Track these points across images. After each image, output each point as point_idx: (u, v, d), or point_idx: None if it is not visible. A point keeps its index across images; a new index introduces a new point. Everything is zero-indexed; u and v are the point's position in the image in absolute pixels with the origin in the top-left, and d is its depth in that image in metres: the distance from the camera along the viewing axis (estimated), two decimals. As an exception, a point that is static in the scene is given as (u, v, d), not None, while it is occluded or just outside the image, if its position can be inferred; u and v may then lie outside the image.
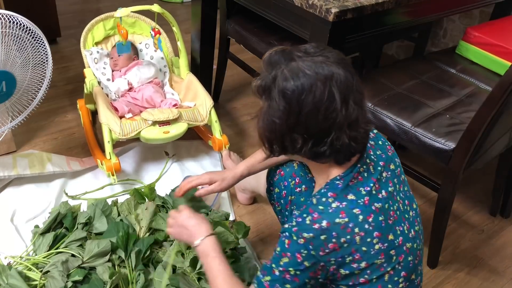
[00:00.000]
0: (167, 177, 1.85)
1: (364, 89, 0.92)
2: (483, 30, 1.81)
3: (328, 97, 0.86)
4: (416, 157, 1.94)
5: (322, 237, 0.90)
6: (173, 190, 1.67)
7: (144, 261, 1.41)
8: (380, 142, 1.07)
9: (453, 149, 1.38)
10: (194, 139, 2.06)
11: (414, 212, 1.05)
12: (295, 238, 0.92)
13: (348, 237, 0.90)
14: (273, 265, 0.96)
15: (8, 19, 1.39)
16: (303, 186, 1.28)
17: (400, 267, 0.97)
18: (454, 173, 1.40)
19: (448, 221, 1.55)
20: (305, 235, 0.90)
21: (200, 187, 1.36)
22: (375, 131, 1.09)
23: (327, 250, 0.90)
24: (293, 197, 1.29)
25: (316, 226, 0.90)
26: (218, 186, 1.31)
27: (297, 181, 1.29)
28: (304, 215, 0.92)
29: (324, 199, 0.94)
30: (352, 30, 1.47)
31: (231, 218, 1.68)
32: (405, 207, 1.02)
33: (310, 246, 0.90)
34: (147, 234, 1.51)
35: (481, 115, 1.29)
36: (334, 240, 0.90)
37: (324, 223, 0.90)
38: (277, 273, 0.95)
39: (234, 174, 1.31)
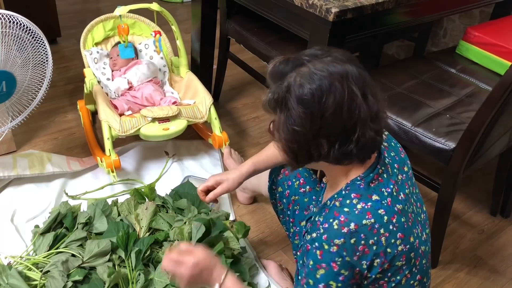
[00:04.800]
0: (167, 177, 1.85)
1: (375, 83, 0.91)
2: (483, 30, 1.81)
3: (349, 95, 0.84)
4: (416, 157, 1.94)
5: (352, 240, 0.88)
6: (173, 190, 1.67)
7: (144, 261, 1.41)
8: (392, 144, 1.05)
9: (453, 149, 1.38)
10: (194, 139, 2.07)
11: (424, 215, 1.05)
12: (327, 247, 0.89)
13: (375, 238, 0.89)
14: (310, 282, 0.92)
15: (8, 19, 1.39)
16: (308, 187, 1.27)
17: (416, 270, 0.96)
18: (454, 173, 1.40)
19: (448, 221, 1.55)
20: (337, 241, 0.88)
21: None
22: (386, 132, 1.07)
23: (358, 253, 0.88)
24: (296, 197, 1.28)
25: (345, 229, 0.88)
26: (226, 187, 1.27)
27: (301, 181, 1.28)
28: (331, 220, 0.90)
29: (348, 201, 0.91)
30: (352, 30, 1.47)
31: (231, 218, 1.68)
32: (418, 210, 1.02)
33: (344, 253, 0.88)
34: (147, 234, 1.51)
35: (481, 115, 1.29)
36: (363, 242, 0.88)
37: (352, 226, 0.88)
38: None
39: (240, 173, 1.29)
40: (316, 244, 0.90)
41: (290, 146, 0.91)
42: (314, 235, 0.91)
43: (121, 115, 1.78)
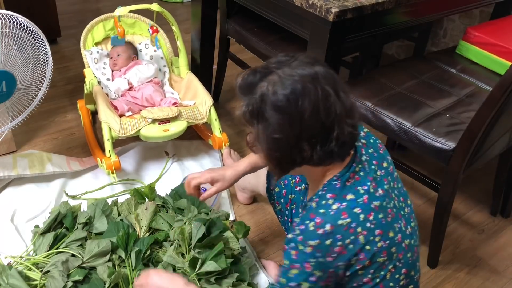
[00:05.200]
0: (167, 177, 1.85)
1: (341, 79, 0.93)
2: (483, 30, 1.81)
3: (323, 94, 0.86)
4: (416, 157, 1.94)
5: (328, 242, 0.89)
6: (173, 190, 1.67)
7: (144, 261, 1.41)
8: (371, 141, 1.06)
9: (453, 149, 1.38)
10: (194, 139, 2.07)
11: (409, 208, 1.05)
12: (301, 247, 0.90)
13: (352, 237, 0.90)
14: (283, 280, 0.94)
15: (8, 19, 1.39)
16: (303, 185, 1.28)
17: (400, 264, 0.97)
18: (454, 173, 1.40)
19: (448, 221, 1.55)
20: (311, 242, 0.89)
21: (201, 189, 1.36)
22: (365, 129, 1.09)
23: (334, 255, 0.89)
24: (293, 196, 1.29)
25: (321, 231, 0.89)
26: (221, 186, 1.29)
27: (297, 179, 1.29)
28: (307, 222, 0.91)
29: (324, 202, 0.93)
30: (352, 30, 1.47)
31: (231, 218, 1.68)
32: (401, 204, 1.02)
33: (318, 254, 0.89)
34: (147, 234, 1.51)
35: (481, 115, 1.29)
36: (339, 243, 0.89)
37: (327, 227, 0.89)
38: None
39: (236, 172, 1.29)
40: (292, 244, 0.92)
41: (272, 155, 0.91)
42: (290, 236, 0.93)
43: (121, 116, 1.78)
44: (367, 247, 0.91)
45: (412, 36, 2.58)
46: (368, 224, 0.91)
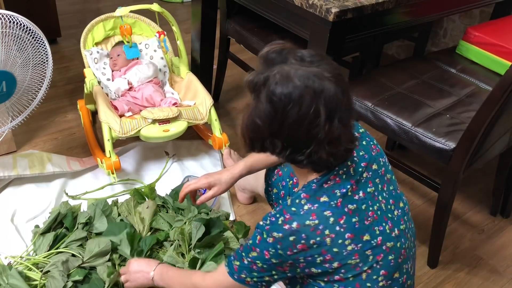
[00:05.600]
0: (167, 177, 1.85)
1: (353, 107, 0.92)
2: (483, 30, 1.81)
3: (314, 112, 0.85)
4: (416, 157, 1.94)
5: (291, 238, 0.91)
6: (173, 190, 1.67)
7: (144, 261, 1.41)
8: (364, 143, 1.05)
9: (453, 149, 1.38)
10: (194, 139, 2.07)
11: (399, 211, 1.04)
12: (265, 236, 0.94)
13: (318, 238, 0.91)
14: (243, 254, 1.00)
15: (8, 19, 1.39)
16: None
17: (378, 266, 0.97)
18: (454, 173, 1.40)
19: (448, 221, 1.55)
20: (275, 234, 0.93)
21: (202, 190, 1.37)
22: (361, 130, 1.08)
23: (295, 250, 0.92)
24: (291, 197, 1.29)
25: (287, 227, 0.92)
26: (218, 190, 1.31)
27: (294, 181, 1.29)
28: (278, 215, 0.94)
29: (297, 201, 0.95)
30: (352, 30, 1.47)
31: (231, 218, 1.68)
32: (389, 207, 1.02)
33: (278, 246, 0.93)
34: (148, 233, 1.51)
35: (481, 115, 1.29)
36: (303, 241, 0.91)
37: (294, 225, 0.91)
38: (245, 262, 0.99)
39: (232, 175, 1.31)
40: (259, 230, 0.97)
41: (247, 133, 0.94)
42: (261, 222, 0.97)
43: (121, 116, 1.78)
44: (335, 249, 0.92)
45: (412, 36, 2.58)
46: (337, 228, 0.92)
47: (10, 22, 1.39)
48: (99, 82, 1.93)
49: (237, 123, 2.24)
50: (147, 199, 1.63)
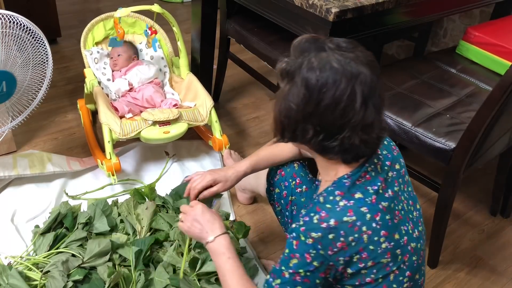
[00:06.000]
0: (167, 177, 1.85)
1: (385, 95, 0.91)
2: (483, 30, 1.81)
3: (349, 96, 0.85)
4: (416, 157, 1.94)
5: (330, 236, 0.89)
6: (173, 190, 1.67)
7: (144, 261, 1.41)
8: (385, 142, 1.06)
9: (453, 149, 1.38)
10: (194, 139, 2.07)
11: (417, 212, 1.05)
12: (303, 238, 0.91)
13: (356, 235, 0.90)
14: (283, 268, 0.95)
15: (8, 19, 1.39)
16: (304, 187, 1.28)
17: (405, 267, 0.96)
18: (455, 173, 1.40)
19: (448, 221, 1.55)
20: (313, 234, 0.90)
21: None
22: None
23: (335, 249, 0.90)
24: (293, 197, 1.29)
25: (324, 225, 0.89)
26: (222, 187, 1.28)
27: (297, 181, 1.28)
28: (312, 214, 0.92)
29: (331, 198, 0.93)
30: (352, 30, 1.47)
31: (231, 218, 1.68)
32: (409, 207, 1.02)
33: (319, 246, 0.90)
34: (148, 234, 1.51)
35: (481, 115, 1.29)
36: (342, 239, 0.89)
37: (332, 222, 0.89)
38: (287, 275, 0.94)
39: (237, 173, 1.29)
40: (294, 234, 0.93)
41: (279, 118, 0.93)
42: (294, 225, 0.94)
43: (121, 117, 1.78)
44: (371, 247, 0.91)
45: (412, 36, 2.58)
46: (373, 224, 0.91)
47: (10, 22, 1.39)
48: (99, 82, 1.93)
49: (237, 122, 2.24)
50: (147, 199, 1.63)
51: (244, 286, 1.05)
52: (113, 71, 2.00)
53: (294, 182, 1.29)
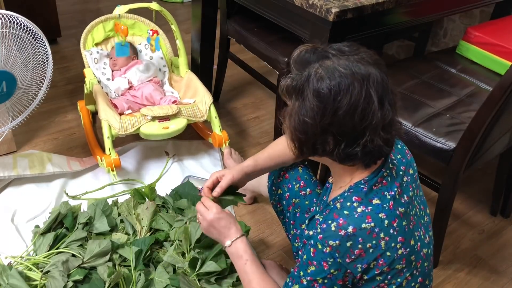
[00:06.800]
0: (168, 177, 1.85)
1: (396, 90, 0.90)
2: (483, 30, 1.81)
3: (366, 98, 0.83)
4: (416, 157, 1.93)
5: (348, 243, 0.88)
6: (173, 190, 1.67)
7: (144, 261, 1.41)
8: (399, 146, 1.05)
9: (453, 149, 1.38)
10: (194, 139, 2.07)
11: (428, 217, 1.04)
12: (320, 246, 0.89)
13: (374, 242, 0.88)
14: (301, 273, 0.94)
15: (9, 19, 1.39)
16: (308, 190, 1.27)
17: (417, 273, 0.96)
18: (455, 173, 1.40)
19: (449, 221, 1.55)
20: (331, 243, 0.88)
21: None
22: None
23: (353, 257, 0.88)
24: (297, 200, 1.28)
25: (342, 232, 0.88)
26: (228, 176, 1.22)
27: (301, 184, 1.28)
28: (329, 221, 0.90)
29: (348, 204, 0.91)
30: (352, 30, 1.47)
31: (232, 218, 1.68)
32: (421, 212, 1.01)
33: (336, 254, 0.88)
34: (148, 234, 1.51)
35: (481, 115, 1.29)
36: (360, 246, 0.88)
37: (350, 229, 0.88)
38: (305, 282, 0.93)
39: (241, 166, 1.25)
40: (311, 242, 0.91)
41: (297, 136, 0.90)
42: (311, 232, 0.92)
43: (121, 114, 1.78)
44: (388, 253, 0.90)
45: (412, 36, 2.58)
46: (391, 231, 0.89)
47: (10, 22, 1.39)
48: (99, 82, 1.93)
49: (237, 122, 2.24)
50: (147, 199, 1.63)
51: (264, 287, 1.06)
52: (112, 70, 2.00)
53: (298, 185, 1.28)
